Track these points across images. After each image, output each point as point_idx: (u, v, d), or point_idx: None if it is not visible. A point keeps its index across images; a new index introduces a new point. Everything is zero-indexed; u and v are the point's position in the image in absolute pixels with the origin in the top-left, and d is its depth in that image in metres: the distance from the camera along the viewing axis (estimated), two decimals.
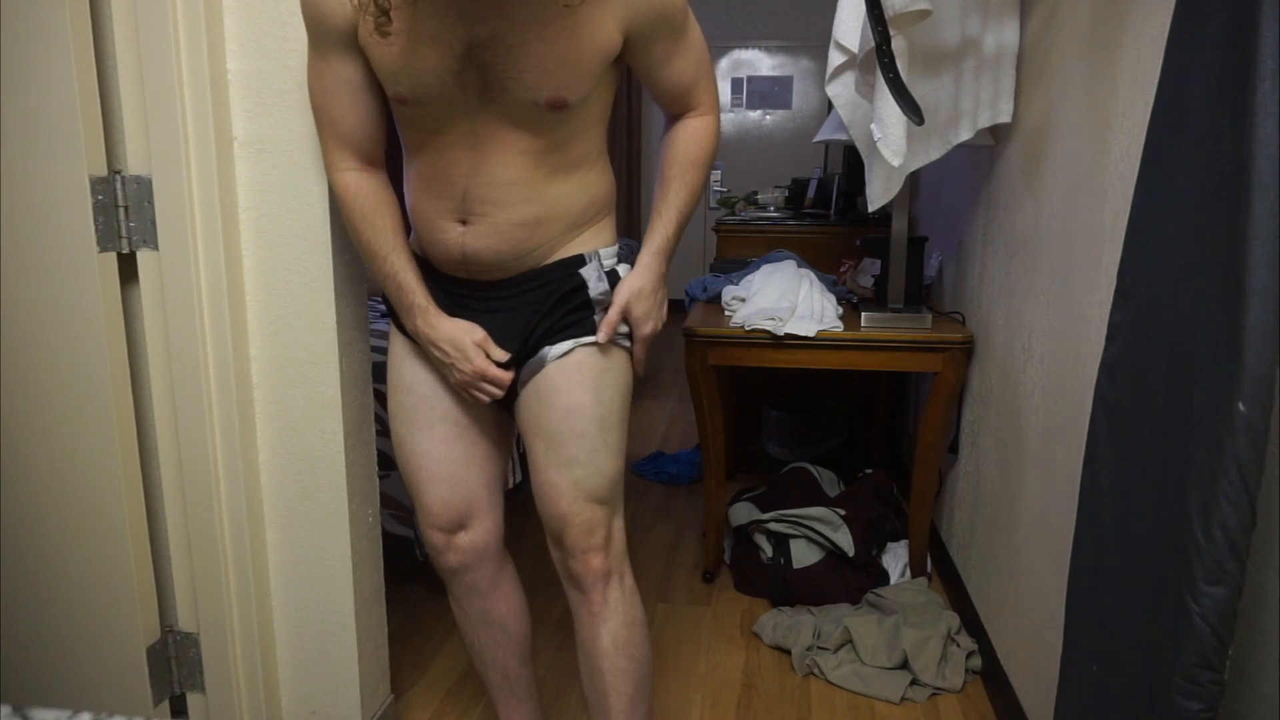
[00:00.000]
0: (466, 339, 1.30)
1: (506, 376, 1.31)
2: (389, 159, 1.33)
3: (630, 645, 1.38)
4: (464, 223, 1.26)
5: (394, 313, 1.37)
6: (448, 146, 1.23)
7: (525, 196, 1.24)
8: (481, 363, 1.29)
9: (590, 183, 1.30)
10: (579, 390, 1.31)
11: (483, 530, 1.44)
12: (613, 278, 1.33)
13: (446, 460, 1.39)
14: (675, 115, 1.35)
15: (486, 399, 1.32)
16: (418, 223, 1.32)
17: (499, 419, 1.43)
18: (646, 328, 1.34)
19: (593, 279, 1.31)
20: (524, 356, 1.32)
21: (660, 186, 1.34)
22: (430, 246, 1.31)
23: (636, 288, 1.31)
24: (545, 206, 1.26)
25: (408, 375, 1.38)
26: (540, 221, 1.26)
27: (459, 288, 1.33)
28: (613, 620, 1.36)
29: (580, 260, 1.31)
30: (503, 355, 1.30)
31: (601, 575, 1.35)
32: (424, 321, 1.31)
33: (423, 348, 1.34)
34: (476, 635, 1.51)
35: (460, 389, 1.34)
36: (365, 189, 1.30)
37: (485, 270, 1.30)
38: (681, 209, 1.33)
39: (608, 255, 1.33)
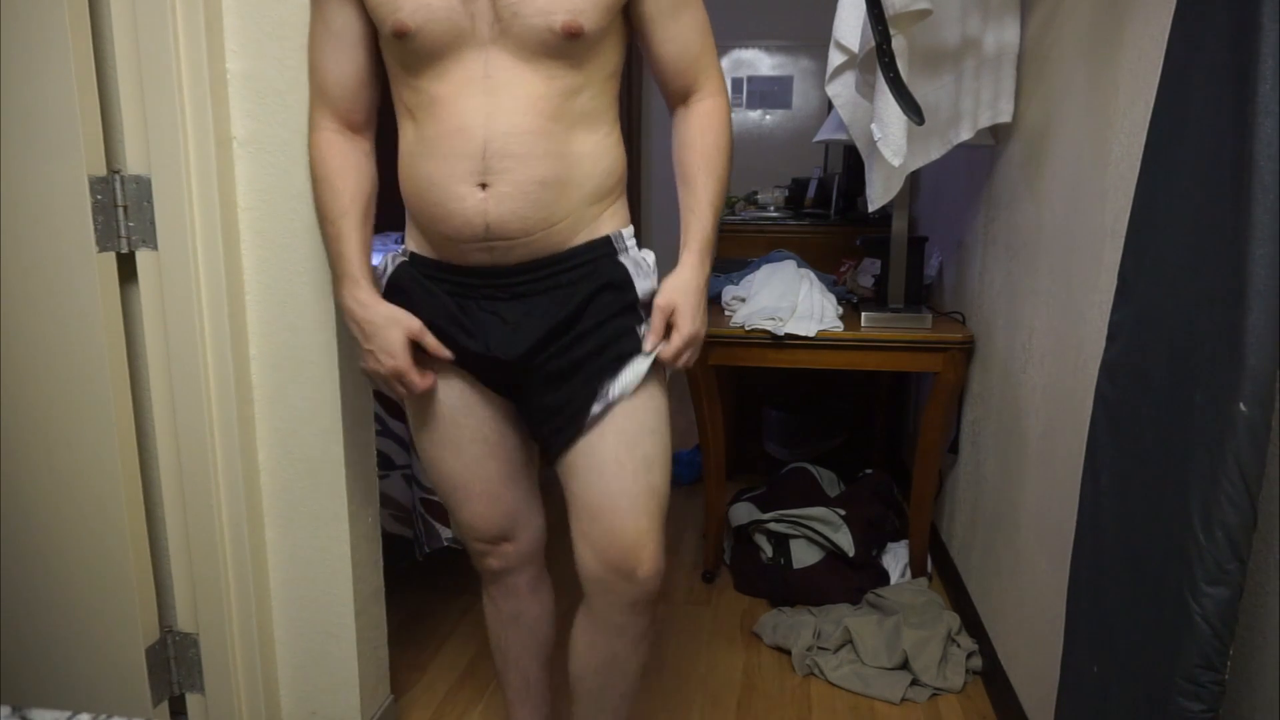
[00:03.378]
0: (397, 332, 1.20)
1: (426, 385, 1.23)
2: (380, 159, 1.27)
3: (647, 655, 1.39)
4: (484, 186, 1.14)
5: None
6: (459, 95, 1.13)
7: (546, 150, 1.14)
8: (405, 364, 1.20)
9: (608, 147, 1.21)
10: (650, 400, 1.25)
11: (526, 540, 1.40)
12: (646, 268, 1.25)
13: (481, 479, 1.33)
14: (679, 99, 1.27)
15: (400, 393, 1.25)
16: (424, 197, 1.18)
17: (523, 428, 1.34)
18: (688, 327, 1.22)
19: (631, 268, 1.22)
20: (552, 352, 1.21)
21: (684, 182, 1.25)
22: (443, 224, 1.18)
23: (682, 285, 1.22)
24: (566, 165, 1.16)
25: (447, 397, 1.29)
26: (564, 182, 1.16)
27: (473, 277, 1.21)
28: (652, 633, 1.35)
29: (608, 243, 1.22)
30: (447, 354, 1.22)
31: (656, 600, 1.30)
32: (352, 297, 1.21)
33: (346, 322, 1.24)
34: (506, 635, 1.48)
35: (365, 374, 1.26)
36: (334, 149, 1.23)
37: (509, 246, 1.17)
38: (714, 202, 1.24)
39: (629, 236, 1.25)
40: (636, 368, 1.22)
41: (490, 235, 1.16)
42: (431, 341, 1.21)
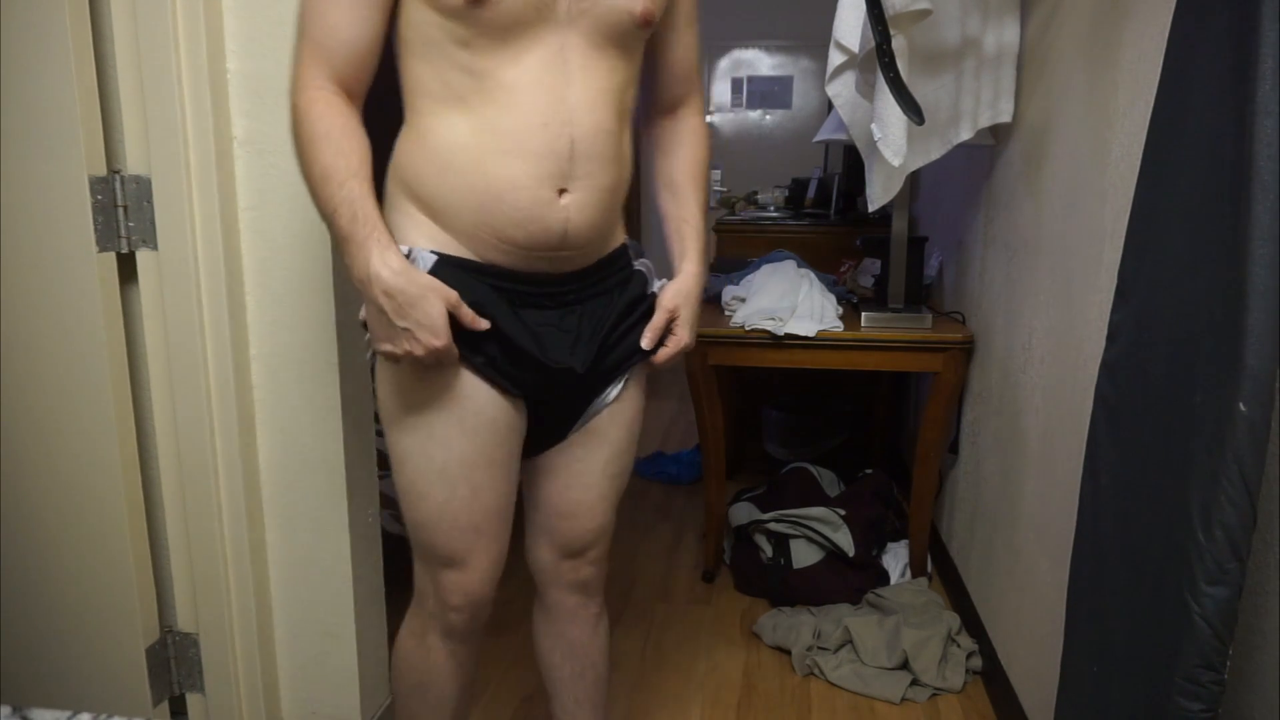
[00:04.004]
0: (438, 304, 1.01)
1: (455, 359, 1.07)
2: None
3: (609, 636, 1.42)
4: (564, 191, 1.04)
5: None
6: (536, 82, 1.02)
7: (613, 152, 1.08)
8: (448, 342, 1.03)
9: (631, 151, 1.15)
10: (639, 406, 1.26)
11: (494, 589, 1.23)
12: (652, 274, 1.25)
13: (504, 512, 1.17)
14: (669, 109, 1.26)
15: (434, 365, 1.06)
16: (501, 200, 1.04)
17: None
18: (686, 336, 1.21)
19: (646, 275, 1.22)
20: (598, 361, 1.16)
21: (676, 193, 1.25)
22: (516, 229, 1.05)
23: (686, 291, 1.20)
24: (621, 169, 1.11)
25: (491, 410, 1.11)
26: (619, 188, 1.11)
27: (522, 284, 1.10)
28: (605, 617, 1.39)
29: (625, 250, 1.20)
30: (484, 325, 1.06)
31: (603, 580, 1.35)
32: (384, 263, 1.00)
33: (360, 291, 1.03)
34: (451, 685, 1.29)
35: (394, 355, 1.05)
36: (335, 108, 1.03)
37: (573, 257, 1.10)
38: (704, 216, 1.26)
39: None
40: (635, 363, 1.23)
41: (564, 244, 1.08)
42: (468, 314, 1.05)
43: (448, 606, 1.21)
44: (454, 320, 1.05)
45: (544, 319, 1.13)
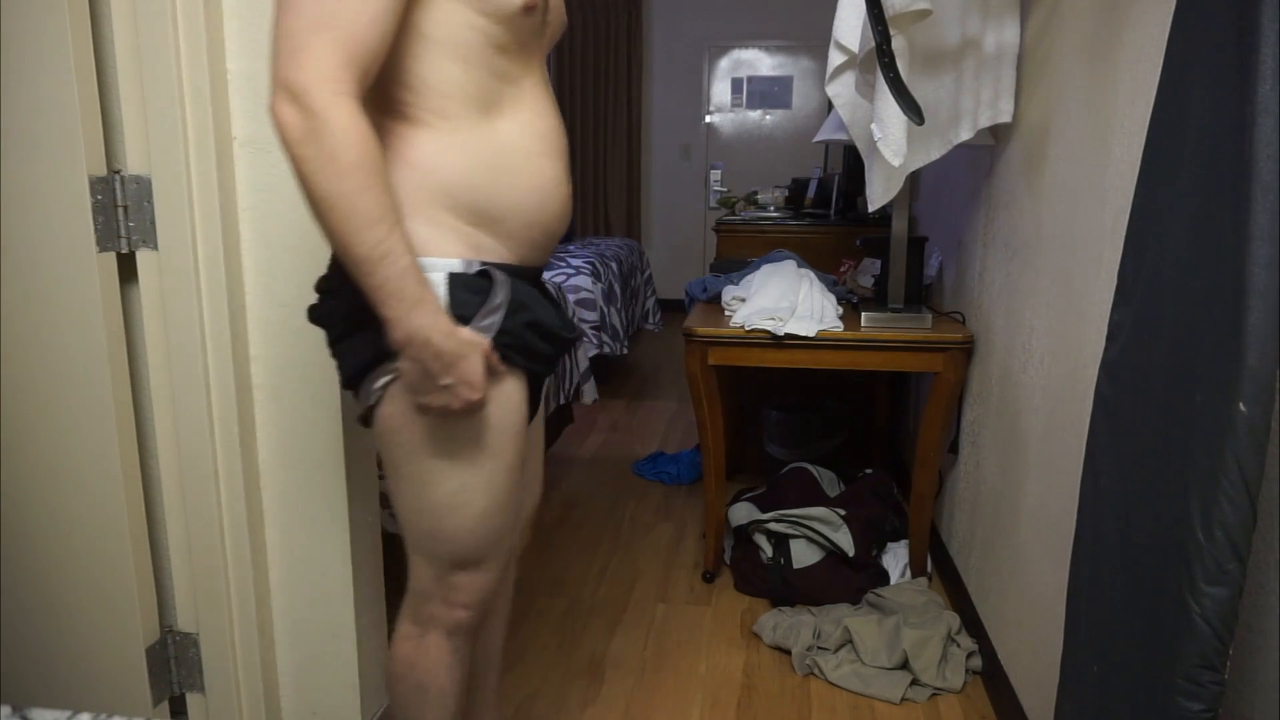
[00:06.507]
0: (479, 359, 1.02)
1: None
2: None
3: None
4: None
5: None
6: (541, 89, 1.10)
7: None
8: (484, 394, 1.04)
9: None
10: None
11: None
12: None
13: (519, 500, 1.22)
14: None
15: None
16: (549, 197, 1.09)
17: None
18: None
19: None
20: None
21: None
22: (555, 224, 1.11)
23: None
24: None
25: (526, 410, 1.14)
26: None
27: (535, 276, 1.17)
28: None
29: None
30: (503, 367, 1.08)
31: None
32: (436, 327, 0.98)
33: (402, 351, 1.00)
34: (447, 681, 1.27)
35: (429, 408, 1.04)
36: (369, 128, 0.95)
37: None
38: None
39: None
40: None
41: (563, 234, 1.18)
42: (494, 359, 1.05)
43: (457, 605, 1.20)
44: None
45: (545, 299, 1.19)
